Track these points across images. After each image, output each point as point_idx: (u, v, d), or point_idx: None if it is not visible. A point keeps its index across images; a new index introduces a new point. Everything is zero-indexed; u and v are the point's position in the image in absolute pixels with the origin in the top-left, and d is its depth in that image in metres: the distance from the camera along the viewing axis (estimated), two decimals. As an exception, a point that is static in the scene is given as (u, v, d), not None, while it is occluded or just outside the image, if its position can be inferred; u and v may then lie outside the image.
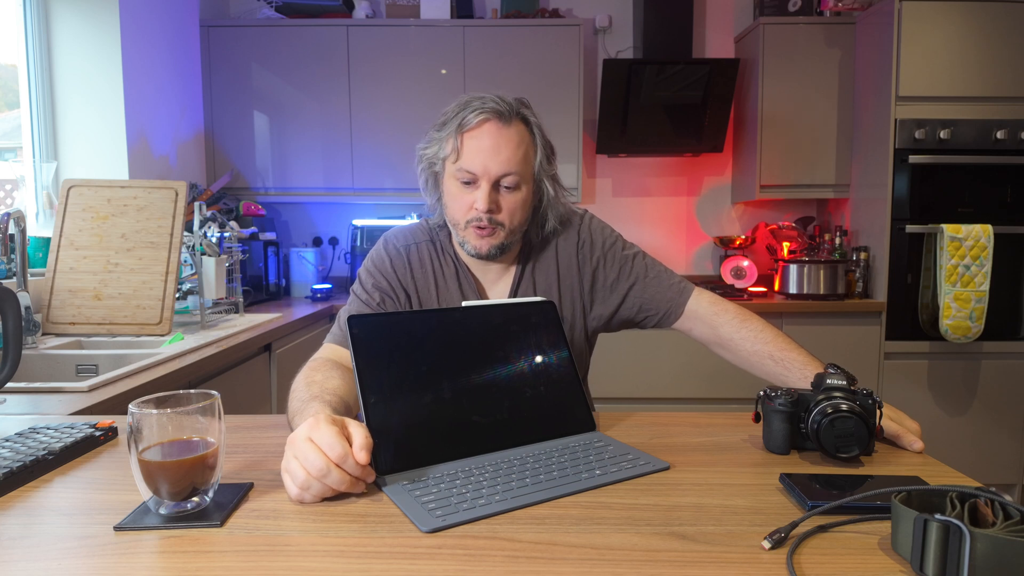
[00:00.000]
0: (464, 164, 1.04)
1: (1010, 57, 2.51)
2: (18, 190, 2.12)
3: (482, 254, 1.08)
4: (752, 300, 2.70)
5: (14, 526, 0.62)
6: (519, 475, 0.73)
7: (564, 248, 1.18)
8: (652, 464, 0.76)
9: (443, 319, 0.90)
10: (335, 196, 2.94)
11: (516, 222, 1.08)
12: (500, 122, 1.04)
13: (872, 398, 0.78)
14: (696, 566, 0.54)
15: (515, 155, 1.04)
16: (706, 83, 2.84)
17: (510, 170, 1.04)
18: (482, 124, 1.04)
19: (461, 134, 1.04)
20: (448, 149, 1.06)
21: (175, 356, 1.50)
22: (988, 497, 0.55)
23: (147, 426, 0.61)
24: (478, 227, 1.06)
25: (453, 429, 0.80)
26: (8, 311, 0.91)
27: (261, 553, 0.56)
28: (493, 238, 1.07)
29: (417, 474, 0.73)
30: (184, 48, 2.67)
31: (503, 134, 1.04)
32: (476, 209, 1.04)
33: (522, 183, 1.07)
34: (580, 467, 0.75)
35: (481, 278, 1.17)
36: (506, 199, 1.06)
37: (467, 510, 0.64)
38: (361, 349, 0.80)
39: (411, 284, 1.15)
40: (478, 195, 1.04)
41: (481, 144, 1.03)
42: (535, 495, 0.68)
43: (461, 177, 1.05)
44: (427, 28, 2.82)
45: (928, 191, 2.56)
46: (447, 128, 1.07)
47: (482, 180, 1.04)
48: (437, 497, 0.67)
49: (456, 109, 1.07)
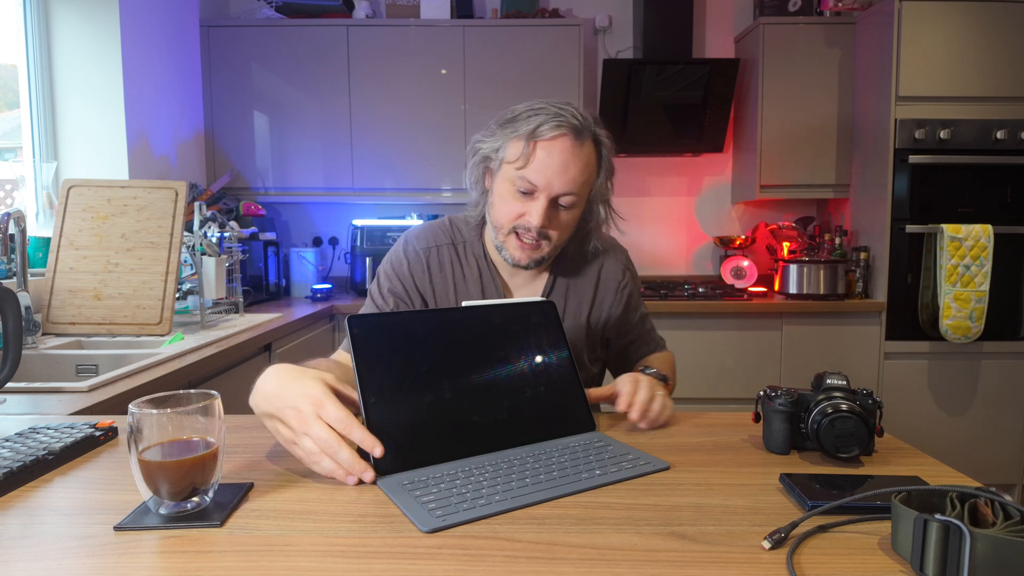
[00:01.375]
0: (529, 175, 1.00)
1: (1010, 57, 2.51)
2: (18, 190, 2.12)
3: (521, 265, 1.08)
4: (752, 300, 2.70)
5: (14, 526, 0.62)
6: (519, 475, 0.73)
7: (608, 275, 1.19)
8: (652, 464, 0.76)
9: (443, 319, 0.89)
10: (335, 196, 2.94)
11: (564, 238, 1.09)
12: (575, 139, 1.01)
13: (872, 398, 0.78)
14: (696, 566, 0.54)
15: (580, 176, 1.02)
16: (706, 83, 2.84)
17: (572, 191, 1.02)
18: (557, 138, 1.00)
19: (534, 142, 1.00)
20: (514, 153, 1.02)
21: (175, 356, 1.50)
22: (988, 497, 0.55)
23: (147, 426, 0.61)
24: (523, 239, 1.05)
25: (453, 429, 0.80)
26: (8, 311, 0.91)
27: (261, 553, 0.56)
28: (536, 252, 1.06)
29: (417, 474, 0.73)
30: (184, 48, 2.67)
31: (575, 153, 1.01)
32: (528, 221, 1.02)
33: (579, 204, 1.06)
34: (580, 467, 0.75)
35: (509, 281, 1.17)
36: (560, 216, 1.05)
37: (467, 510, 0.64)
38: (361, 349, 0.80)
39: (428, 288, 1.15)
40: (533, 208, 1.02)
41: (552, 159, 1.00)
42: (535, 495, 0.68)
43: (520, 186, 1.02)
44: (427, 28, 2.82)
45: (928, 191, 2.56)
46: (517, 130, 1.02)
47: (542, 194, 1.01)
48: (437, 497, 0.67)
49: (530, 113, 1.02)
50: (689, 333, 2.66)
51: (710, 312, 2.64)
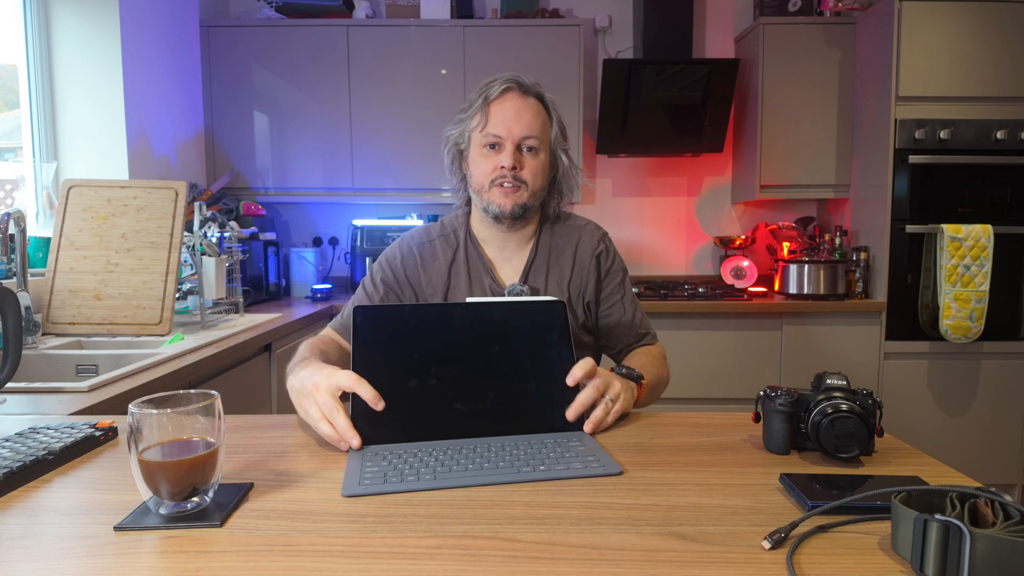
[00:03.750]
0: (491, 128, 1.15)
1: (1010, 57, 2.51)
2: (18, 190, 2.12)
3: (506, 212, 1.17)
4: (752, 300, 2.70)
5: (14, 526, 0.62)
6: (470, 460, 0.76)
7: (584, 249, 1.27)
8: (606, 468, 0.75)
9: (444, 313, 0.94)
10: (335, 196, 2.94)
11: (538, 184, 1.19)
12: (521, 92, 1.17)
13: (872, 398, 0.78)
14: (696, 566, 0.54)
15: (535, 121, 1.17)
16: (706, 83, 2.84)
17: (531, 133, 1.16)
18: (505, 93, 1.16)
19: (487, 105, 1.16)
20: (475, 121, 1.18)
21: (175, 356, 1.50)
22: (988, 497, 0.55)
23: (147, 426, 0.61)
24: (502, 185, 1.16)
25: (433, 413, 0.86)
26: (8, 311, 0.91)
27: (261, 553, 0.56)
28: (517, 195, 1.17)
29: (388, 448, 0.81)
30: (184, 48, 2.67)
31: (524, 102, 1.17)
32: (502, 167, 1.15)
33: (541, 149, 1.18)
34: (534, 460, 0.77)
35: (496, 261, 1.25)
36: (528, 161, 1.17)
37: (392, 483, 0.70)
38: (360, 335, 0.87)
39: (419, 280, 1.24)
40: (503, 156, 1.15)
41: (505, 110, 1.15)
42: (467, 479, 0.71)
43: (487, 141, 1.16)
44: (427, 28, 2.82)
45: (928, 191, 2.56)
46: (473, 106, 1.19)
47: (507, 142, 1.15)
48: (381, 470, 0.73)
49: (480, 90, 1.19)
50: (689, 333, 2.66)
51: (710, 312, 2.64)
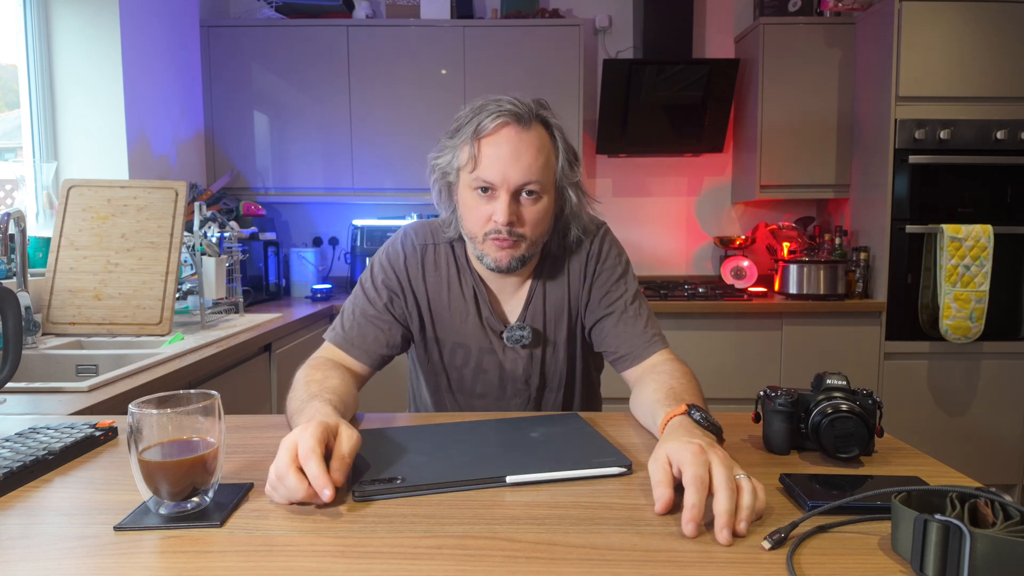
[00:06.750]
0: (481, 173, 0.97)
1: (1010, 57, 2.51)
2: (18, 190, 2.12)
3: (502, 267, 1.02)
4: (752, 300, 2.70)
5: (14, 526, 0.62)
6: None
7: (575, 263, 1.12)
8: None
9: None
10: (335, 196, 2.94)
11: (538, 233, 1.02)
12: (519, 126, 0.97)
13: (872, 398, 0.78)
14: (696, 566, 0.54)
15: (535, 162, 0.97)
16: (706, 83, 2.84)
17: (531, 179, 0.97)
18: (499, 129, 0.97)
19: (478, 140, 0.97)
20: (464, 158, 0.99)
21: (175, 356, 1.50)
22: (988, 497, 0.55)
23: (147, 426, 0.61)
24: (497, 239, 0.99)
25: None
26: (8, 311, 0.91)
27: (261, 553, 0.56)
28: (514, 250, 1.00)
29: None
30: (184, 48, 2.67)
31: (522, 139, 0.97)
32: (495, 221, 0.98)
33: (544, 192, 1.00)
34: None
35: (498, 293, 1.13)
36: (528, 210, 0.99)
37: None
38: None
39: (421, 286, 1.11)
40: (497, 206, 0.97)
41: (499, 151, 0.96)
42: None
43: (479, 185, 0.98)
44: (427, 28, 2.82)
45: (928, 191, 2.56)
46: (461, 135, 0.99)
47: (501, 190, 0.97)
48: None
49: (470, 114, 1.00)
50: (689, 333, 2.66)
51: (710, 312, 2.64)
